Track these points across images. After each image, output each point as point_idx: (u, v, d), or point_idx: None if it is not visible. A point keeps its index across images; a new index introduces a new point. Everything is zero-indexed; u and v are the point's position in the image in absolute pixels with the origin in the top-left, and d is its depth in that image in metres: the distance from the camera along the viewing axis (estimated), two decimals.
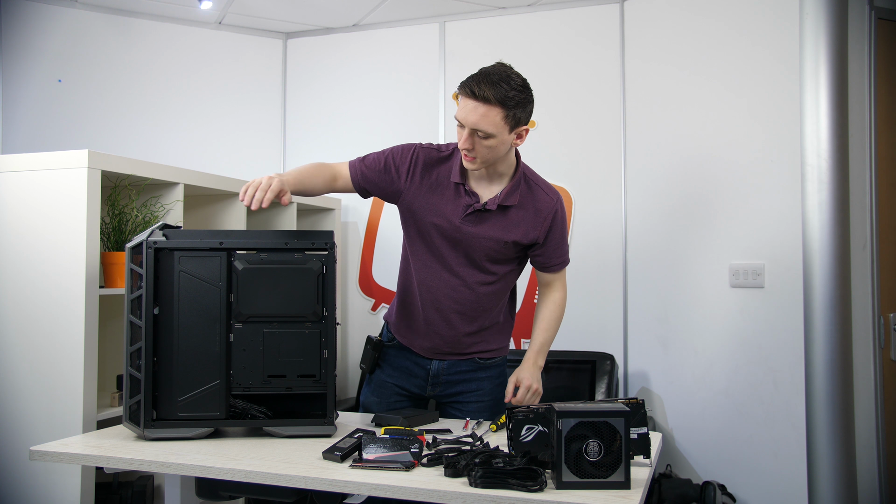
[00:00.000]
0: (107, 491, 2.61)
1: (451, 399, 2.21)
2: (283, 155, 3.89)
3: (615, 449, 1.47)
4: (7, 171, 2.47)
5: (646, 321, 3.26)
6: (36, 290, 2.40)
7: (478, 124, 1.90)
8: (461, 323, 2.13)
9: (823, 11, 2.62)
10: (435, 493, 1.48)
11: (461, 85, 1.95)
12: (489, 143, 1.93)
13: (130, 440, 1.86)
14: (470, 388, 2.19)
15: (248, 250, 1.92)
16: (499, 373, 2.24)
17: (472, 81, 1.92)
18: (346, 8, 3.57)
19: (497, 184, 2.08)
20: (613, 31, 3.37)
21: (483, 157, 1.96)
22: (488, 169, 2.05)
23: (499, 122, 1.91)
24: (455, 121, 1.96)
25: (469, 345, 2.17)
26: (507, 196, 2.06)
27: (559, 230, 2.13)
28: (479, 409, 2.19)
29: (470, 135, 1.92)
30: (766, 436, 2.78)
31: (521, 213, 2.08)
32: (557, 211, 2.12)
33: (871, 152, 2.71)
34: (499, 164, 2.04)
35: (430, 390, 2.21)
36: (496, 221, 2.06)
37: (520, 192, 2.08)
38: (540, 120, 3.49)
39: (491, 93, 1.89)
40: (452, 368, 2.19)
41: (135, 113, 3.54)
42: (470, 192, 2.05)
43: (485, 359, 2.20)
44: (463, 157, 1.99)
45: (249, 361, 1.89)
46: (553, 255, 2.16)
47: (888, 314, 2.72)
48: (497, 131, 1.92)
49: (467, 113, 1.91)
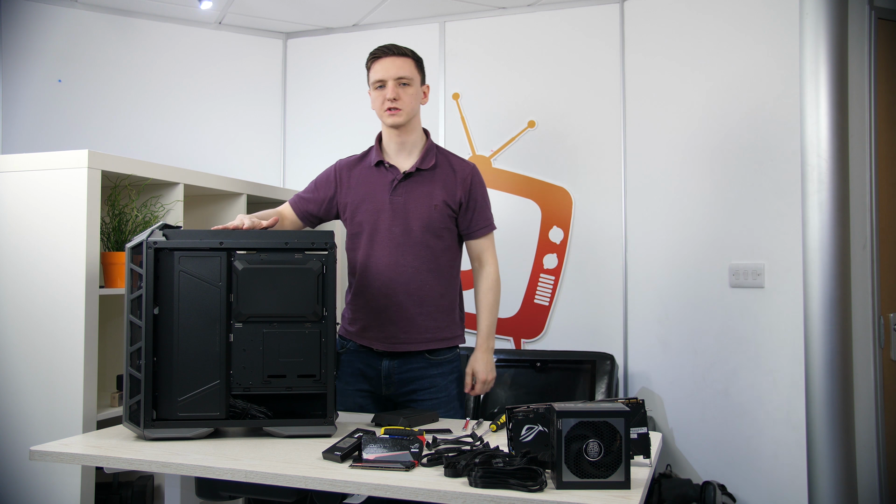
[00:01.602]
0: (107, 491, 2.61)
1: (406, 398, 2.29)
2: (283, 155, 3.89)
3: (615, 449, 1.47)
4: (7, 171, 2.47)
5: (646, 321, 3.26)
6: (36, 290, 2.40)
7: (400, 71, 2.23)
8: (410, 303, 2.24)
9: (823, 11, 2.62)
10: (435, 493, 1.48)
11: (373, 55, 2.28)
12: (410, 91, 2.24)
13: (130, 440, 1.86)
14: (423, 386, 2.27)
15: (248, 250, 1.92)
16: (451, 368, 2.32)
17: (384, 46, 2.28)
18: (346, 8, 3.57)
19: (413, 155, 2.31)
20: (613, 31, 3.37)
21: (407, 106, 2.23)
22: (404, 136, 2.28)
23: (414, 69, 2.27)
24: (373, 86, 2.26)
25: (423, 329, 2.25)
26: (423, 160, 2.28)
27: (480, 192, 2.33)
28: (435, 405, 2.25)
29: (395, 86, 2.22)
30: (765, 436, 2.78)
31: (440, 173, 2.29)
32: (475, 174, 2.33)
33: (871, 152, 2.71)
34: (413, 130, 2.30)
35: (384, 390, 2.29)
36: (421, 188, 2.26)
37: (435, 157, 2.30)
38: (540, 120, 3.52)
39: (403, 48, 2.28)
40: (403, 367, 2.26)
41: (135, 113, 3.54)
42: (390, 167, 2.28)
43: (435, 352, 2.28)
44: (388, 115, 2.23)
45: (249, 361, 1.89)
46: (478, 217, 2.32)
47: (888, 314, 2.72)
48: (414, 77, 2.26)
49: (388, 67, 2.23)
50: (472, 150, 3.56)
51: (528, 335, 3.45)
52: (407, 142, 2.29)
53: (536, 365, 3.20)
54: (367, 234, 2.26)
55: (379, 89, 2.24)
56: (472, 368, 2.31)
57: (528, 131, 3.49)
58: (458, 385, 2.34)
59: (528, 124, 3.49)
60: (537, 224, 3.45)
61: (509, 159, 3.51)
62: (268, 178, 3.81)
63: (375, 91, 2.26)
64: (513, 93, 3.52)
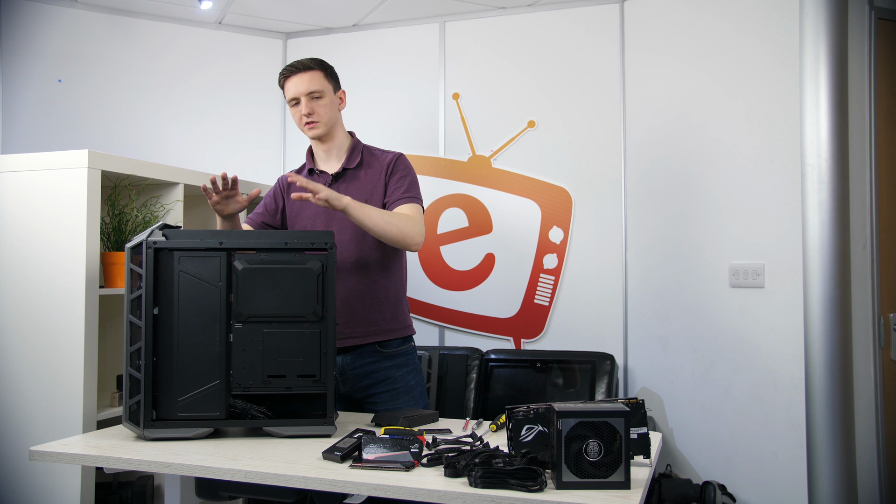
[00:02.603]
0: (107, 491, 2.62)
1: (365, 394, 2.31)
2: (283, 155, 3.89)
3: (615, 449, 1.47)
4: (7, 171, 2.47)
5: (646, 321, 3.26)
6: (36, 290, 2.40)
7: (309, 86, 2.28)
8: (352, 298, 2.27)
9: (823, 11, 2.62)
10: (435, 493, 1.48)
11: (282, 74, 2.33)
12: (323, 103, 2.30)
13: (130, 440, 1.86)
14: (378, 379, 2.30)
15: (247, 250, 1.92)
16: (405, 361, 2.35)
17: (290, 64, 2.32)
18: (346, 8, 3.57)
19: (340, 157, 2.38)
20: (613, 31, 3.37)
21: (323, 118, 2.30)
22: (328, 143, 2.36)
23: (323, 80, 2.31)
24: (289, 103, 2.32)
25: (367, 322, 2.27)
26: (349, 160, 2.35)
27: (399, 172, 2.33)
28: (392, 397, 2.29)
29: (308, 101, 2.28)
30: (766, 436, 2.78)
31: (367, 172, 2.34)
32: (398, 159, 2.36)
33: (871, 152, 2.71)
34: (336, 135, 2.36)
35: (342, 388, 2.32)
36: (351, 188, 2.30)
37: (361, 156, 2.36)
38: (540, 120, 3.52)
39: (308, 62, 2.32)
40: (356, 362, 2.29)
41: (135, 113, 3.54)
42: (320, 173, 2.37)
43: (385, 343, 2.31)
44: (307, 129, 2.31)
45: (249, 361, 1.89)
46: (395, 189, 2.30)
47: (888, 314, 2.72)
48: (325, 89, 2.31)
49: (297, 85, 2.29)
50: (472, 150, 3.56)
51: (528, 335, 3.45)
52: (332, 147, 2.37)
53: (536, 365, 3.20)
54: None
55: (295, 106, 2.31)
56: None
57: (528, 131, 3.49)
58: (416, 376, 2.38)
59: (528, 124, 3.49)
60: (537, 224, 3.46)
61: (509, 159, 3.51)
62: (268, 177, 3.81)
63: (292, 108, 2.33)
64: (513, 93, 3.52)
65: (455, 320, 3.52)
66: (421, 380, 2.40)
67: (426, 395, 2.44)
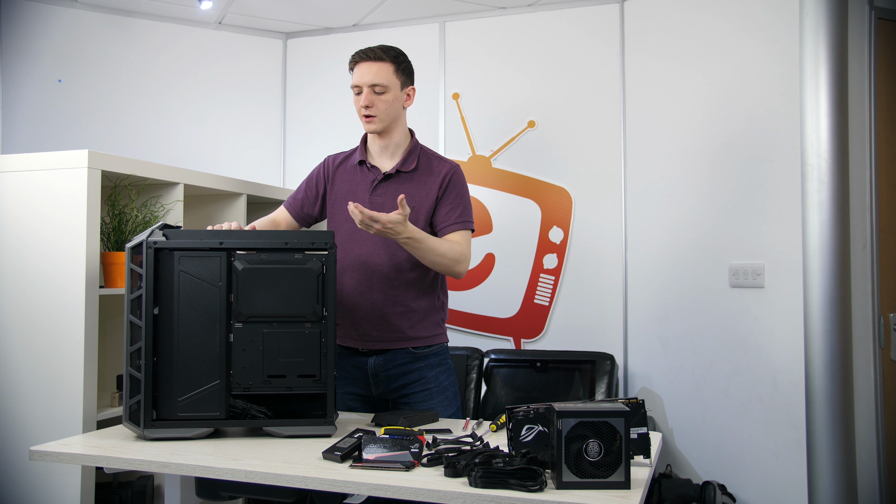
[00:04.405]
0: (107, 491, 2.61)
1: (398, 395, 2.27)
2: (283, 155, 3.89)
3: (615, 449, 1.47)
4: (7, 171, 2.47)
5: (646, 321, 3.26)
6: (36, 290, 2.40)
7: (374, 79, 2.18)
8: (384, 302, 2.21)
9: (823, 11, 2.62)
10: (435, 493, 1.48)
11: (352, 59, 2.23)
12: (386, 98, 2.20)
13: (130, 440, 1.86)
14: (412, 380, 2.25)
15: (247, 250, 1.92)
16: (438, 361, 2.30)
17: (362, 50, 2.22)
18: (346, 8, 3.57)
19: (396, 156, 2.28)
20: (613, 31, 3.37)
21: (382, 114, 2.20)
22: (385, 139, 2.26)
23: (391, 75, 2.20)
24: (353, 90, 2.22)
25: (396, 328, 2.22)
26: (405, 162, 2.26)
27: (455, 190, 2.25)
28: (426, 397, 2.24)
29: (369, 93, 2.18)
30: (766, 436, 2.78)
31: (420, 177, 2.25)
32: (455, 173, 2.27)
33: (871, 152, 2.71)
34: (395, 132, 2.27)
35: (374, 390, 2.27)
36: (401, 189, 2.20)
37: (417, 159, 2.27)
38: (540, 120, 3.52)
39: (381, 52, 2.20)
40: (389, 363, 2.24)
41: (135, 113, 3.54)
42: (372, 167, 2.27)
43: (418, 348, 2.25)
44: (364, 122, 2.22)
45: (249, 361, 1.89)
46: (450, 213, 2.22)
47: (888, 314, 2.72)
48: (391, 84, 2.20)
49: (363, 74, 2.19)
50: (472, 150, 3.56)
51: (528, 335, 3.45)
52: (389, 144, 2.28)
53: (536, 365, 3.20)
54: (346, 233, 2.23)
55: (357, 94, 2.23)
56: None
57: (528, 131, 3.49)
58: (449, 376, 2.32)
59: (528, 124, 3.49)
60: (537, 224, 3.46)
61: (509, 159, 3.51)
62: (268, 178, 3.81)
63: (355, 96, 2.24)
64: (513, 93, 3.52)
65: (455, 320, 3.52)
66: (454, 381, 2.33)
67: (459, 396, 2.37)
